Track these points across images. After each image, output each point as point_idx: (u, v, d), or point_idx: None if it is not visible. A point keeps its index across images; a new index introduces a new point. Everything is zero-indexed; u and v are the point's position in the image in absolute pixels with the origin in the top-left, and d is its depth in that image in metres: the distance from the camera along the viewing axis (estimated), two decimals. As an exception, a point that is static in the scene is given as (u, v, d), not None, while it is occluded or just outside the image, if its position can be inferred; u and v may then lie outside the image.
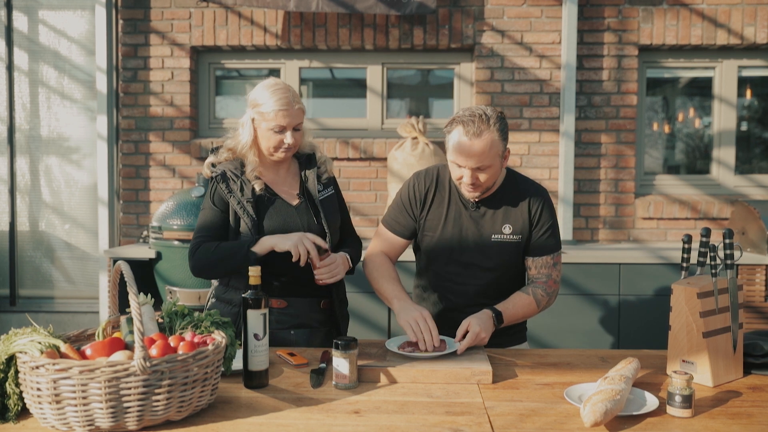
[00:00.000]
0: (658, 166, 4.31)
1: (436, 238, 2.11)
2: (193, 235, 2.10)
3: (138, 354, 1.30)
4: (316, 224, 2.11)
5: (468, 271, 2.10)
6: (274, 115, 2.00)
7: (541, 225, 2.08)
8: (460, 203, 2.10)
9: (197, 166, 4.12)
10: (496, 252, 2.07)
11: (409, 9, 3.75)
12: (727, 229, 1.76)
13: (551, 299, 2.10)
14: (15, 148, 4.35)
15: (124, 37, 4.13)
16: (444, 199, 2.11)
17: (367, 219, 4.12)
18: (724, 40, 3.97)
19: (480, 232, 2.07)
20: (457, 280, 2.11)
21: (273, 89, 2.02)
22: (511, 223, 2.07)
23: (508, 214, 2.07)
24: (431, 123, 4.17)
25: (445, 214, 2.10)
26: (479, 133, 1.89)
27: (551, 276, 2.10)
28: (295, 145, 2.06)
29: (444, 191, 2.12)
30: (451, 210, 2.10)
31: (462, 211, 2.09)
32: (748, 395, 1.61)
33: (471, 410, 1.49)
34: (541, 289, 2.07)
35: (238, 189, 2.05)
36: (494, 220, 2.07)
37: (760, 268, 3.42)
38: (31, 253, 4.40)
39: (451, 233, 2.09)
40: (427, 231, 2.13)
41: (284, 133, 2.02)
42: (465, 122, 1.91)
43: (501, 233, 2.06)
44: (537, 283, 2.09)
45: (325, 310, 2.16)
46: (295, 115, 2.03)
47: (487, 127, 1.90)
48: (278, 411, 1.48)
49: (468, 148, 1.90)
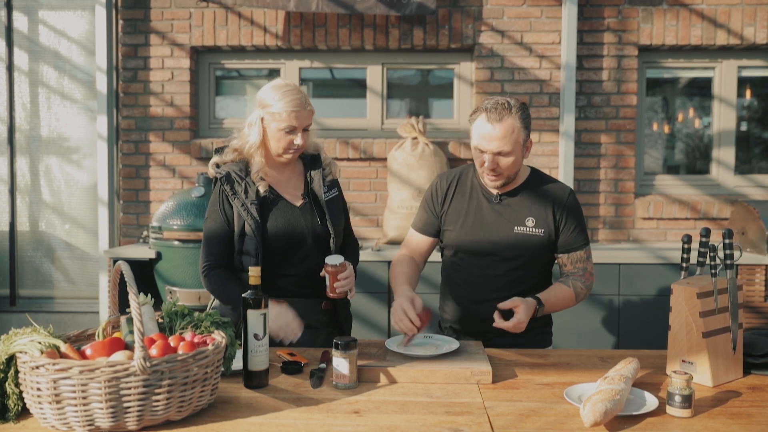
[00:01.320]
0: (658, 166, 4.31)
1: (458, 229, 2.14)
2: (201, 248, 2.12)
3: (138, 354, 1.30)
4: (320, 225, 2.11)
5: (490, 262, 2.11)
6: (286, 115, 2.00)
7: (571, 222, 2.12)
8: (483, 197, 2.14)
9: (197, 166, 4.13)
10: (519, 244, 2.09)
11: (409, 9, 3.75)
12: (727, 229, 1.76)
13: (589, 291, 2.17)
14: (15, 148, 4.35)
15: (124, 37, 4.13)
16: (465, 193, 2.16)
17: (367, 219, 4.12)
18: (723, 40, 3.97)
19: (502, 223, 2.10)
20: (480, 272, 2.13)
21: (285, 90, 2.03)
22: (534, 216, 2.10)
23: (531, 208, 2.11)
24: (431, 123, 4.18)
25: (466, 207, 2.14)
26: (501, 119, 1.97)
27: (587, 269, 2.16)
28: (303, 146, 2.07)
29: (466, 186, 2.17)
30: (473, 203, 2.14)
31: (484, 204, 2.13)
32: (748, 395, 1.61)
33: (471, 410, 1.49)
34: (580, 282, 2.14)
35: (243, 191, 2.05)
36: (517, 213, 2.10)
37: (760, 268, 3.42)
38: (31, 253, 4.40)
39: (473, 224, 2.12)
40: (448, 226, 2.17)
41: (295, 134, 2.03)
42: (488, 109, 2.00)
43: (524, 225, 2.10)
44: (575, 276, 2.14)
45: (328, 311, 2.16)
46: (306, 117, 2.04)
47: (508, 113, 1.98)
48: (278, 411, 1.48)
49: (490, 132, 1.98)
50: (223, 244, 2.08)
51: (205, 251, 2.09)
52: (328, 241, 2.11)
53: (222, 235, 2.08)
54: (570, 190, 2.16)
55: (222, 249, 2.08)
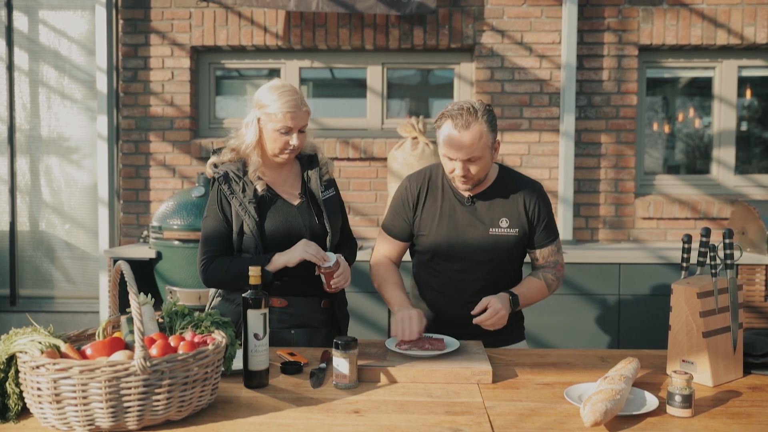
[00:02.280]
0: (658, 166, 4.31)
1: (432, 234, 2.12)
2: (199, 245, 2.11)
3: (138, 354, 1.30)
4: (317, 224, 2.11)
5: (465, 265, 2.11)
6: (282, 116, 2.01)
7: (541, 218, 2.12)
8: (455, 199, 2.12)
9: (197, 166, 4.13)
10: (494, 246, 2.09)
11: (409, 9, 3.75)
12: (727, 229, 1.76)
13: (560, 282, 2.18)
14: (15, 148, 4.35)
15: (124, 37, 4.13)
16: (437, 197, 2.14)
17: (367, 219, 4.12)
18: (724, 40, 3.97)
19: (477, 226, 2.09)
20: (455, 276, 2.12)
21: (281, 91, 2.03)
22: (507, 216, 2.09)
23: (503, 208, 2.10)
24: (431, 123, 4.17)
25: (439, 211, 2.12)
26: (468, 125, 1.94)
27: (558, 261, 2.18)
28: (300, 147, 2.08)
29: (437, 189, 2.15)
30: (445, 206, 2.12)
31: (457, 207, 2.11)
32: (748, 395, 1.61)
33: (471, 410, 1.49)
34: (551, 274, 2.15)
35: (240, 190, 2.06)
36: (491, 215, 2.10)
37: (760, 268, 3.42)
38: (31, 253, 4.40)
39: (447, 228, 2.10)
40: (422, 231, 2.15)
41: (290, 134, 2.04)
42: (454, 116, 1.96)
43: (498, 227, 2.09)
44: (546, 269, 2.15)
45: (326, 310, 2.17)
46: (302, 118, 2.05)
47: (475, 119, 1.95)
48: (278, 411, 1.48)
49: (458, 140, 1.95)
50: (221, 242, 2.09)
51: (203, 249, 2.10)
52: (325, 239, 2.11)
53: (220, 234, 2.09)
54: (539, 186, 2.16)
55: (220, 247, 2.09)
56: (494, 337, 2.07)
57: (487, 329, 1.97)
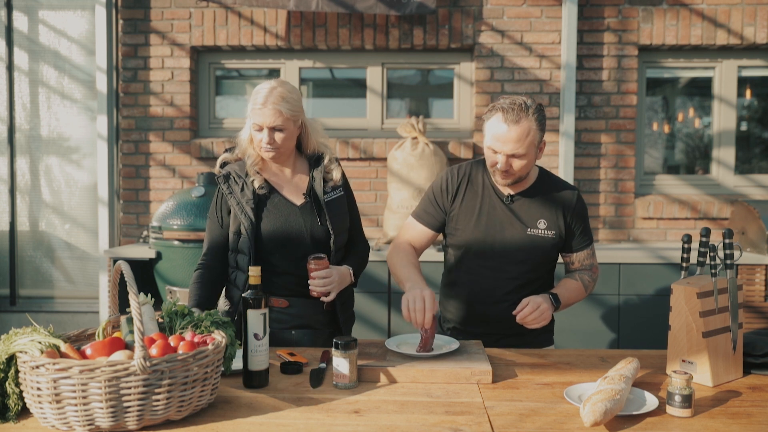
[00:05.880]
0: (658, 166, 4.31)
1: (469, 230, 2.11)
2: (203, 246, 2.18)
3: (138, 354, 1.30)
4: (320, 225, 2.10)
5: (500, 263, 2.10)
6: (251, 113, 2.04)
7: (579, 224, 2.13)
8: (495, 196, 2.11)
9: (197, 166, 4.13)
10: (531, 246, 2.09)
11: (409, 9, 3.75)
12: (727, 229, 1.76)
13: (595, 284, 2.20)
14: (15, 148, 4.35)
15: (124, 37, 4.13)
16: (477, 192, 2.13)
17: (367, 219, 4.12)
18: (723, 40, 3.97)
19: (515, 225, 2.09)
20: (488, 273, 2.11)
21: (257, 89, 2.06)
22: (545, 218, 2.10)
23: (542, 210, 2.10)
24: (431, 123, 4.18)
25: (479, 206, 2.11)
26: (518, 120, 1.94)
27: (593, 264, 2.19)
28: (277, 147, 2.04)
29: (477, 185, 2.14)
30: (485, 202, 2.11)
31: (496, 204, 2.11)
32: (748, 395, 1.61)
33: (471, 410, 1.49)
34: (587, 275, 2.16)
35: (240, 189, 2.07)
36: (529, 215, 2.10)
37: (760, 268, 3.43)
38: (31, 253, 4.40)
39: (486, 225, 2.10)
40: (458, 224, 2.13)
41: (262, 132, 2.03)
42: (505, 109, 1.95)
43: (536, 228, 2.09)
44: (582, 271, 2.17)
45: (329, 312, 2.15)
46: (268, 115, 1.99)
47: (525, 115, 1.95)
48: (278, 411, 1.48)
49: (505, 134, 1.94)
50: (216, 245, 2.13)
51: (203, 251, 2.17)
52: (329, 241, 2.10)
53: (215, 236, 2.13)
54: (578, 192, 2.16)
55: (215, 250, 2.13)
56: (520, 338, 2.07)
57: (529, 327, 1.97)
